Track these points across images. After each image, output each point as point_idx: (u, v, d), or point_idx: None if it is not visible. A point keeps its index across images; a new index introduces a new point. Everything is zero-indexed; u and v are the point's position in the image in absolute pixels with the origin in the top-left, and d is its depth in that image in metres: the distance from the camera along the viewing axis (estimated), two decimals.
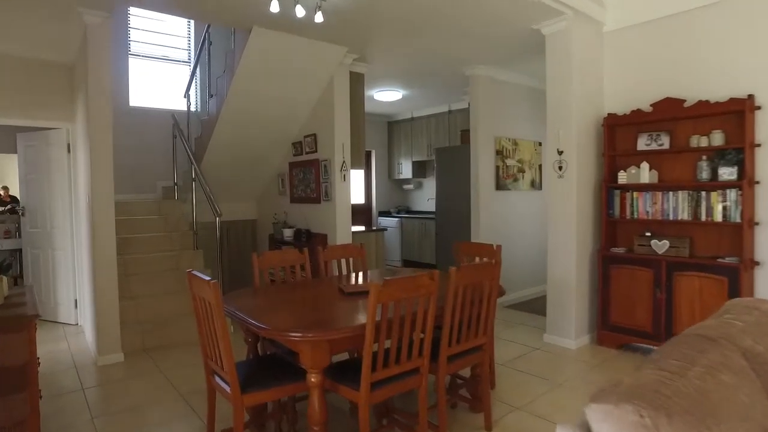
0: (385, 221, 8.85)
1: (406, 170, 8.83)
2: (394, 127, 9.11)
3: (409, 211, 9.17)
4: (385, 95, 6.88)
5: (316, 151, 5.17)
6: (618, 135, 4.23)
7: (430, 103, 7.98)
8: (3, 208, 6.61)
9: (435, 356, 2.42)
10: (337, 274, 3.46)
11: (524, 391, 3.24)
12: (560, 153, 4.19)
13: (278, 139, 5.53)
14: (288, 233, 5.45)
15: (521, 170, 6.15)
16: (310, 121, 5.26)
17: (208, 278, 2.07)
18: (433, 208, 8.63)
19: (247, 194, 6.33)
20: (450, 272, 2.38)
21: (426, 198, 8.88)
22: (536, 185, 6.40)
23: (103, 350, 3.81)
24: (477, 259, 3.44)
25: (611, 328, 4.10)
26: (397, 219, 8.60)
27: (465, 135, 5.98)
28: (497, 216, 5.83)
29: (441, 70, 5.75)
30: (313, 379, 2.11)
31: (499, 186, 5.83)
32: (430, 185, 8.81)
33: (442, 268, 6.33)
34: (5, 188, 7.07)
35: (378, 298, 2.04)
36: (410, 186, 9.08)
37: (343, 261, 3.53)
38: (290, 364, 2.44)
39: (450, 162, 6.04)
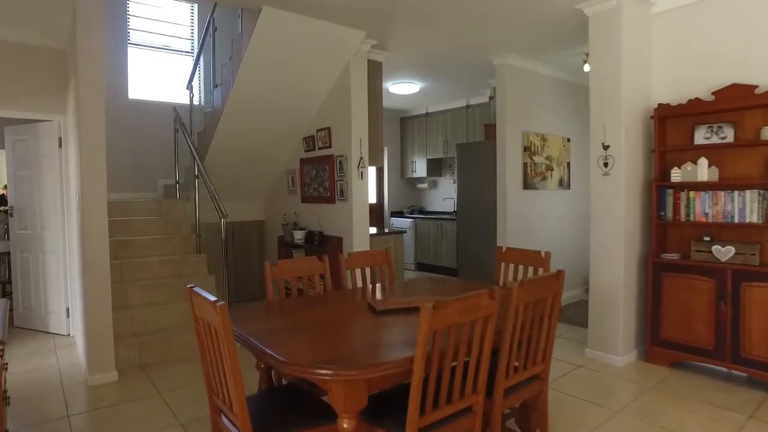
0: (397, 222, 8.41)
1: (420, 168, 8.39)
2: (407, 123, 8.67)
3: (422, 212, 8.73)
4: (402, 88, 6.44)
5: (330, 147, 4.74)
6: (669, 128, 3.78)
7: (447, 98, 7.54)
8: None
9: (488, 390, 1.99)
10: (361, 284, 3.02)
11: (579, 420, 2.80)
12: (606, 148, 3.75)
13: (288, 133, 5.10)
14: (299, 236, 5.02)
15: (549, 168, 5.70)
16: (324, 113, 4.83)
17: (213, 299, 1.64)
18: (449, 208, 8.20)
19: (254, 193, 5.91)
20: (511, 288, 1.95)
21: (441, 198, 8.44)
22: (564, 184, 5.95)
23: (95, 368, 3.38)
24: (522, 268, 3.00)
25: (663, 344, 3.65)
26: (410, 220, 8.16)
27: (490, 129, 5.55)
28: (525, 217, 5.39)
29: (465, 59, 5.31)
30: (345, 425, 1.68)
31: (527, 185, 5.39)
32: (445, 184, 8.37)
33: (464, 273, 5.91)
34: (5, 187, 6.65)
35: (430, 325, 1.61)
36: (424, 185, 8.64)
37: (367, 270, 3.09)
38: (313, 397, 2.01)
39: (472, 159, 5.60)
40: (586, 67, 5.11)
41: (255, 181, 5.66)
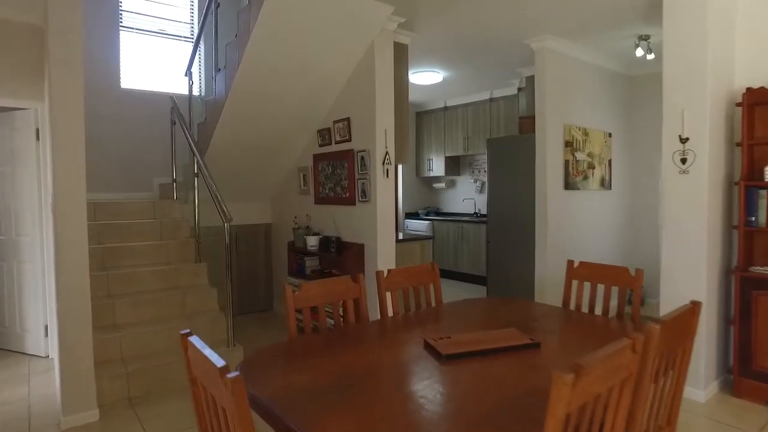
0: (412, 224, 7.80)
1: (437, 167, 7.78)
2: (423, 117, 8.07)
3: (438, 213, 8.13)
4: (423, 77, 5.84)
5: (349, 140, 4.13)
6: (758, 117, 3.18)
7: (468, 90, 6.93)
8: None
9: None
10: (402, 310, 2.41)
11: None
12: (684, 141, 3.14)
13: (301, 125, 4.49)
14: (312, 242, 4.41)
15: (591, 166, 5.10)
16: (343, 101, 4.22)
17: (221, 363, 1.04)
18: (468, 209, 7.60)
19: (261, 193, 5.30)
20: (648, 331, 1.34)
21: (461, 198, 7.83)
22: (606, 184, 5.35)
23: (71, 406, 2.77)
24: (602, 289, 2.39)
25: (755, 376, 3.04)
26: (426, 222, 7.55)
27: (526, 123, 4.95)
28: (565, 221, 4.79)
29: (498, 42, 4.70)
30: None
31: (568, 184, 4.78)
32: (464, 184, 7.77)
33: (495, 283, 5.28)
34: None
35: (568, 404, 1.00)
36: (441, 184, 8.03)
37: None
38: None
39: (505, 155, 5.00)
40: (639, 51, 4.52)
41: (262, 179, 5.05)
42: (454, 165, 7.80)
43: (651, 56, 4.63)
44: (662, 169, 3.28)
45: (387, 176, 3.93)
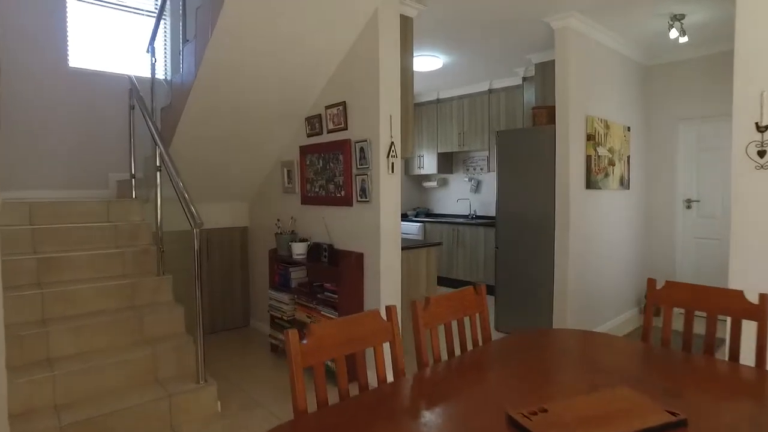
0: (402, 226, 7.15)
1: (428, 164, 7.16)
2: (414, 111, 7.42)
3: (429, 214, 7.52)
4: (422, 62, 5.21)
5: (345, 128, 3.47)
6: None
7: (464, 81, 6.34)
8: None
9: None
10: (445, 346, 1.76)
11: None
12: (762, 130, 2.59)
13: (285, 110, 3.80)
14: (299, 249, 3.73)
15: (611, 162, 4.56)
16: (337, 83, 3.55)
17: None
18: (462, 211, 7.03)
19: (237, 192, 4.57)
20: None
21: (455, 198, 7.23)
22: (625, 183, 4.83)
23: None
24: (703, 320, 1.80)
25: None
26: (418, 224, 6.92)
27: (540, 114, 4.37)
28: (587, 224, 4.24)
29: (511, 21, 4.10)
30: None
31: (590, 183, 4.23)
32: (458, 183, 7.18)
33: (505, 294, 4.59)
34: None
35: None
36: (432, 183, 7.42)
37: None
38: None
39: (517, 150, 4.42)
40: (673, 33, 3.99)
41: (238, 175, 4.33)
42: (447, 162, 7.21)
43: (684, 39, 4.11)
44: (732, 164, 2.72)
45: (392, 171, 3.28)
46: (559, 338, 1.89)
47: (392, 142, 3.25)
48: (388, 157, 3.24)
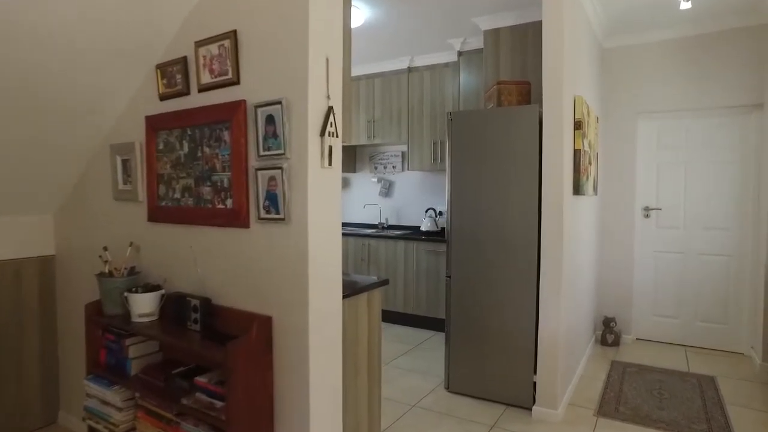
0: None
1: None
2: None
3: None
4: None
5: (235, 81, 1.85)
6: None
7: (376, 55, 4.99)
8: None
9: None
10: None
11: None
12: None
13: (116, 49, 2.05)
14: (143, 305, 2.00)
15: (590, 161, 3.53)
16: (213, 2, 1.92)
17: None
18: (372, 219, 5.68)
19: (33, 197, 2.62)
20: None
21: (361, 203, 5.83)
22: (596, 187, 3.85)
23: None
24: None
25: None
26: None
27: (509, 91, 3.14)
28: (574, 243, 3.13)
29: None
30: None
31: (577, 188, 3.12)
32: (365, 184, 5.80)
33: (460, 338, 3.22)
34: None
35: None
36: None
37: None
38: None
39: (479, 140, 3.15)
40: (683, 5, 3.03)
41: (34, 169, 2.42)
42: (350, 158, 5.79)
43: (687, 4, 3.18)
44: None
45: (329, 163, 1.76)
46: None
47: (330, 108, 1.73)
48: (323, 135, 1.71)
